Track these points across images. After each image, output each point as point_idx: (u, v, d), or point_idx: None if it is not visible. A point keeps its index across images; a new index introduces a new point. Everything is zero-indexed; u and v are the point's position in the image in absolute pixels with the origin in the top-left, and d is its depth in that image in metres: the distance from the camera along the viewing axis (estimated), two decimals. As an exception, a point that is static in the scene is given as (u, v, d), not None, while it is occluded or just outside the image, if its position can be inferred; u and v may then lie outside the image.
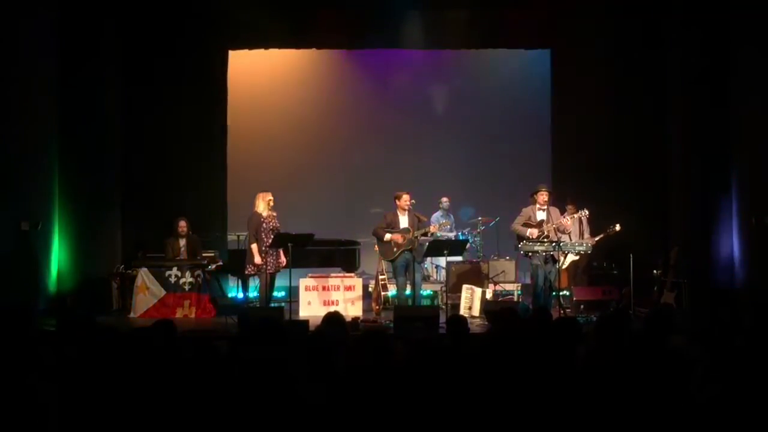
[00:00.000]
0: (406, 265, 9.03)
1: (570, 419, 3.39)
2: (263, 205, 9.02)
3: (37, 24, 9.41)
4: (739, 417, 3.16)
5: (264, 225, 8.96)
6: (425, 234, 9.18)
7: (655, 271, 10.00)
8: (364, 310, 9.86)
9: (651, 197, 11.05)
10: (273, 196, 9.11)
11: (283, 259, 8.97)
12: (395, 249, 9.03)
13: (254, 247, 8.95)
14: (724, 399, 3.24)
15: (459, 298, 9.97)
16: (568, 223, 9.36)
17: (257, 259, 8.89)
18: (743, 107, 9.79)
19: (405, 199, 9.12)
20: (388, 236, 9.05)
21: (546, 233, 8.94)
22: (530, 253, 8.93)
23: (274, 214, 9.08)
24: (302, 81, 12.50)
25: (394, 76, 12.52)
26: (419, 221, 9.22)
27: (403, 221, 9.12)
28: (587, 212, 9.57)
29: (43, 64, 9.58)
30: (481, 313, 9.42)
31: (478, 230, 11.26)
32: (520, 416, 3.39)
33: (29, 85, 9.29)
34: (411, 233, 8.99)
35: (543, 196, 9.06)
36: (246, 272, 9.11)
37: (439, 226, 9.70)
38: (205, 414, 3.35)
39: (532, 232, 8.92)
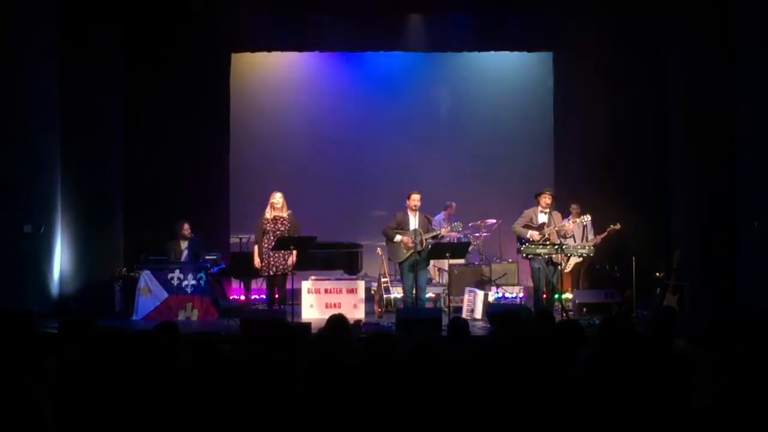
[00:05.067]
0: (413, 266, 9.04)
1: (572, 423, 3.38)
2: (267, 206, 9.13)
3: (38, 26, 9.42)
4: (740, 421, 3.16)
5: (267, 226, 9.05)
6: (436, 237, 9.20)
7: (657, 274, 9.99)
8: (367, 313, 9.85)
9: (653, 200, 11.05)
10: (278, 197, 9.19)
11: (291, 260, 9.00)
12: (405, 251, 9.03)
13: (255, 249, 9.20)
14: (725, 403, 3.24)
15: (461, 301, 9.97)
16: (570, 227, 9.37)
17: (256, 262, 9.08)
18: (747, 109, 9.78)
19: (414, 199, 9.13)
20: (398, 237, 9.05)
21: (547, 236, 8.94)
22: (531, 256, 8.94)
23: (284, 215, 9.11)
24: (304, 83, 12.50)
25: (396, 79, 12.51)
26: (428, 222, 9.26)
27: (413, 222, 9.13)
28: (589, 217, 9.56)
29: (45, 67, 9.59)
30: (483, 315, 9.42)
31: (480, 233, 11.25)
32: (523, 420, 3.39)
33: (32, 87, 9.30)
34: (422, 236, 8.97)
35: (546, 199, 9.07)
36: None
37: (451, 228, 9.67)
38: (207, 417, 3.35)
39: (533, 234, 8.92)
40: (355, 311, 9.67)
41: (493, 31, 11.42)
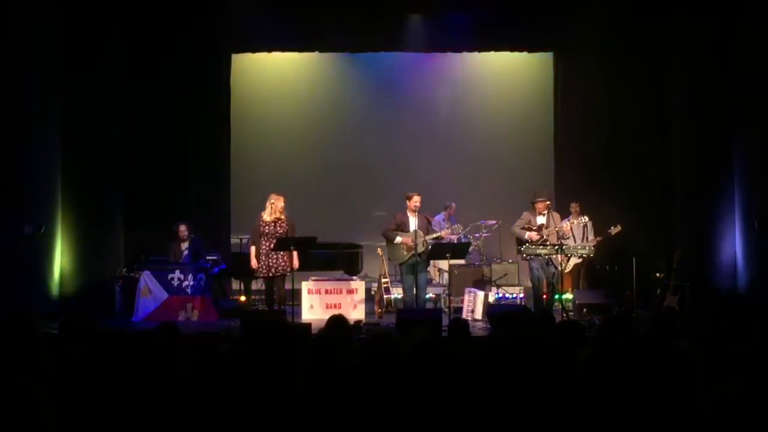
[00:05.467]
0: (413, 267, 9.04)
1: (573, 423, 3.38)
2: (268, 208, 9.10)
3: (40, 27, 9.42)
4: (740, 422, 3.15)
5: (265, 229, 9.03)
6: (436, 239, 9.20)
7: (657, 274, 10.00)
8: (367, 313, 9.85)
9: (654, 200, 11.04)
10: (282, 202, 9.17)
11: (295, 262, 8.94)
12: (405, 252, 9.02)
13: (251, 250, 9.18)
14: (725, 403, 3.24)
15: (461, 301, 9.96)
16: (567, 228, 9.37)
17: (252, 263, 9.08)
18: (748, 110, 9.78)
19: (415, 200, 9.12)
20: (399, 239, 9.04)
21: (546, 237, 8.94)
22: (530, 256, 8.94)
23: (282, 217, 9.11)
24: (305, 84, 12.51)
25: (397, 79, 12.52)
26: (428, 222, 9.25)
27: (413, 223, 9.12)
28: (587, 218, 9.57)
29: (45, 67, 9.59)
30: (483, 316, 9.42)
31: (481, 233, 11.25)
32: (523, 420, 3.39)
33: (32, 87, 9.30)
34: (422, 237, 8.97)
35: (540, 205, 9.09)
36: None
37: (452, 230, 9.66)
38: (207, 417, 3.35)
39: (531, 236, 8.93)
40: (355, 312, 9.68)
41: (493, 31, 11.42)
